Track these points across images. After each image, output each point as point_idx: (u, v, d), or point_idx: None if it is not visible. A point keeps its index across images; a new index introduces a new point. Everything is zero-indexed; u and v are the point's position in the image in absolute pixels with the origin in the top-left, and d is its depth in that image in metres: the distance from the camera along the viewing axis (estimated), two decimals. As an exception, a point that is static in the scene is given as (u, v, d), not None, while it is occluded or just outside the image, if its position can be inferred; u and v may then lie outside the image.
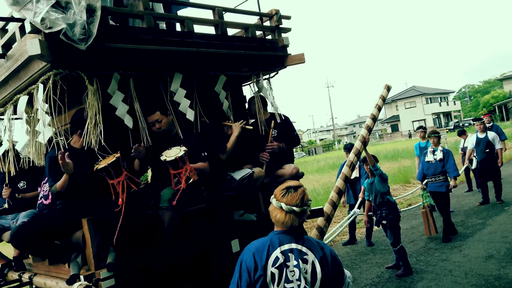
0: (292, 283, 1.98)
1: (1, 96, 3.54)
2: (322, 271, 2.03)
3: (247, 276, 1.97)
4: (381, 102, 5.30)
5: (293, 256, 2.02)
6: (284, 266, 1.98)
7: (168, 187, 3.23)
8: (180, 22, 3.69)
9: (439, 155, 6.61)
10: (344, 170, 4.88)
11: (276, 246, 2.02)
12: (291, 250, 2.03)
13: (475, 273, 4.97)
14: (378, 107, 5.30)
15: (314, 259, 2.04)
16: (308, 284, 2.00)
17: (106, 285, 2.78)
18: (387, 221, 5.37)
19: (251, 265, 1.99)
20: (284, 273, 1.98)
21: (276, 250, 2.01)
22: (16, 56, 3.08)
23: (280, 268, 1.98)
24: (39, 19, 2.61)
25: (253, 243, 2.09)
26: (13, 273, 3.73)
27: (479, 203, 8.73)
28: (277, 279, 1.97)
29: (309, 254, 2.05)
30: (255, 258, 1.99)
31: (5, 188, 3.86)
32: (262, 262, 1.98)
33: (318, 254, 2.06)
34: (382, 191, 5.34)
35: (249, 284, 1.96)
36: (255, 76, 4.52)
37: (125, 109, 3.29)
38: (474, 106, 62.95)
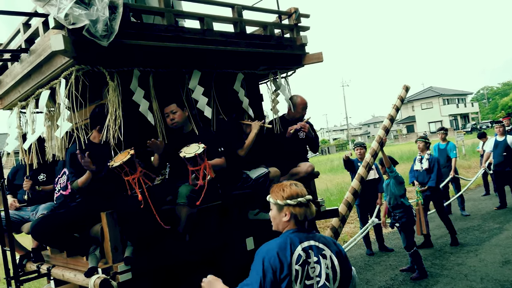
0: (312, 279, 2.01)
1: (24, 90, 3.60)
2: (340, 265, 2.08)
3: (272, 275, 1.95)
4: (399, 103, 5.25)
5: (313, 252, 2.04)
6: (306, 263, 2.00)
7: (186, 184, 3.25)
8: (199, 20, 3.70)
9: (425, 164, 6.61)
10: (360, 170, 4.86)
11: (297, 244, 2.02)
12: (311, 247, 2.05)
13: (491, 278, 4.89)
14: (396, 107, 5.25)
15: (331, 254, 2.08)
16: (330, 279, 2.04)
17: (123, 279, 2.81)
18: (400, 224, 5.32)
19: (276, 264, 1.96)
20: (306, 270, 2.00)
21: (298, 248, 2.01)
22: (39, 51, 3.13)
23: (303, 265, 1.99)
24: (63, 15, 2.65)
25: (271, 242, 2.07)
26: (32, 264, 3.80)
27: (496, 207, 8.60)
28: (300, 277, 1.97)
29: (326, 249, 2.08)
30: (279, 257, 1.97)
31: (26, 180, 3.94)
32: (288, 260, 1.97)
33: (334, 249, 2.11)
34: (396, 193, 5.30)
35: (274, 283, 1.94)
36: (273, 75, 4.52)
37: (147, 106, 3.32)
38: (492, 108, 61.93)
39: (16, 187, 4.17)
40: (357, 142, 7.13)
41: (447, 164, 8.48)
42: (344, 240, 7.30)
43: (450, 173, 8.38)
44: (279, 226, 2.14)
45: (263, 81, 4.73)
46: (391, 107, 5.26)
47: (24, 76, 3.44)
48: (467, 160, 16.31)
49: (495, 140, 8.67)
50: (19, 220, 4.00)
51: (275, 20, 4.58)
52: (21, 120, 3.88)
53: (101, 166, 3.12)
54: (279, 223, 2.13)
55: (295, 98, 4.52)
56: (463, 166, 14.59)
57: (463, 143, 18.83)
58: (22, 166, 4.13)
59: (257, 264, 2.01)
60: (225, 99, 4.01)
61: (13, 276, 3.53)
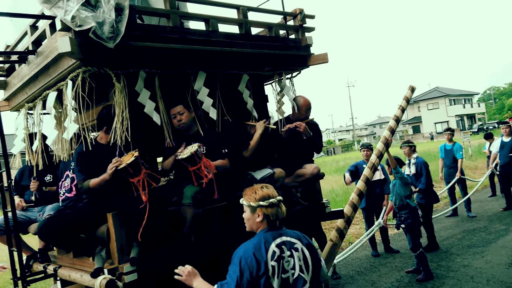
0: (288, 272, 2.15)
1: (31, 91, 3.63)
2: (311, 256, 2.25)
3: (249, 274, 2.07)
4: (404, 104, 5.23)
5: (286, 247, 2.19)
6: (281, 258, 2.15)
7: (191, 185, 3.26)
8: (204, 21, 3.72)
9: (413, 169, 6.55)
10: (366, 171, 4.85)
11: (270, 241, 2.17)
12: (284, 243, 2.20)
13: (497, 280, 4.86)
14: (402, 108, 5.24)
15: (302, 246, 2.25)
16: (304, 270, 2.19)
17: (129, 279, 2.83)
18: (405, 225, 5.30)
19: (253, 264, 2.09)
20: (281, 265, 2.14)
21: (272, 245, 2.15)
22: (46, 52, 3.16)
23: (278, 261, 2.13)
24: (70, 17, 2.67)
25: (247, 243, 2.19)
26: (38, 264, 3.82)
27: (503, 208, 8.54)
28: (276, 272, 2.11)
29: (297, 242, 2.25)
30: (256, 257, 2.10)
31: (33, 181, 3.96)
32: (264, 258, 2.10)
33: (305, 242, 2.28)
34: (402, 194, 5.28)
35: (250, 282, 2.06)
36: (278, 76, 4.52)
37: (153, 107, 3.34)
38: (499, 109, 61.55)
39: (23, 188, 4.19)
40: (364, 144, 7.06)
41: (453, 165, 8.44)
42: (350, 241, 7.28)
43: (457, 174, 8.32)
44: (253, 226, 2.28)
45: (268, 82, 4.73)
46: (397, 108, 5.24)
47: (31, 78, 3.48)
48: (473, 161, 16.21)
49: (501, 141, 8.62)
50: (26, 220, 4.03)
51: (280, 21, 4.59)
52: (28, 121, 3.91)
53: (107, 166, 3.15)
54: (253, 224, 2.27)
55: (298, 99, 4.51)
56: (470, 167, 14.51)
57: (469, 143, 18.71)
58: (28, 167, 4.17)
59: (235, 264, 2.13)
60: (230, 100, 4.02)
61: (20, 277, 3.56)
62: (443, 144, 8.75)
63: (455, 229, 7.58)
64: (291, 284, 2.15)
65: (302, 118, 4.42)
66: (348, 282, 5.54)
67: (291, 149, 4.37)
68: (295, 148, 4.36)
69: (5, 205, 3.57)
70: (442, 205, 10.01)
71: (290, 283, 2.15)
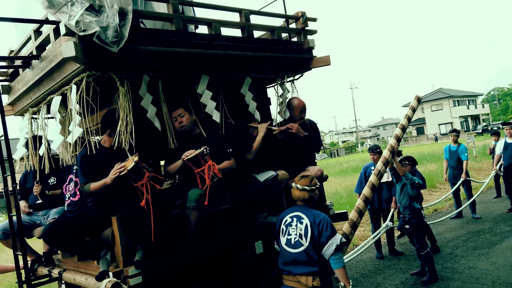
0: (290, 235, 3.16)
1: (35, 96, 3.65)
2: (311, 230, 3.09)
3: (276, 227, 3.35)
4: (411, 113, 5.29)
5: (295, 219, 3.19)
6: (289, 225, 3.20)
7: (195, 187, 3.27)
8: (207, 25, 3.74)
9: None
10: (372, 178, 4.86)
11: (288, 213, 3.29)
12: (295, 216, 3.22)
13: (502, 281, 4.84)
14: (408, 117, 5.29)
15: (307, 222, 3.12)
16: (302, 237, 3.10)
17: (134, 282, 2.84)
18: (410, 225, 5.28)
19: (277, 222, 3.37)
20: (287, 229, 3.20)
21: (287, 215, 3.27)
22: (50, 57, 3.17)
23: (286, 226, 3.22)
24: (74, 22, 2.69)
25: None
26: (43, 268, 3.84)
27: (508, 209, 8.49)
28: (283, 232, 3.23)
29: (304, 218, 3.15)
30: (279, 219, 3.34)
31: (36, 185, 3.99)
32: (279, 222, 3.31)
33: (311, 220, 3.12)
34: (411, 194, 5.27)
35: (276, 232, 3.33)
36: (280, 78, 4.53)
37: (154, 111, 3.35)
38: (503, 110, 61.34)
39: (27, 192, 4.22)
40: (371, 147, 6.96)
41: (458, 166, 8.40)
42: (354, 243, 7.26)
43: (462, 175, 8.29)
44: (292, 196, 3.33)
45: (271, 85, 4.74)
46: (403, 117, 5.29)
47: (35, 83, 3.50)
48: (478, 162, 16.14)
49: (505, 142, 8.57)
50: (31, 224, 4.05)
51: (282, 24, 4.60)
52: (33, 126, 3.93)
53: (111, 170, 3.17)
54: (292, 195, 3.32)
55: (292, 101, 4.52)
56: (474, 168, 14.45)
57: (473, 144, 18.65)
58: (32, 170, 4.19)
59: None
60: (233, 103, 4.03)
61: (25, 280, 3.57)
62: (448, 145, 8.71)
63: (460, 231, 7.55)
64: (292, 244, 3.13)
65: (297, 119, 4.42)
66: (353, 284, 5.52)
67: (290, 151, 4.37)
68: (294, 149, 4.37)
69: (10, 209, 3.59)
70: (446, 206, 9.98)
71: (291, 243, 3.13)
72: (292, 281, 3.08)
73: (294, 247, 3.09)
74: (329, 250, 3.04)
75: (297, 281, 3.06)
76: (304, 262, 3.05)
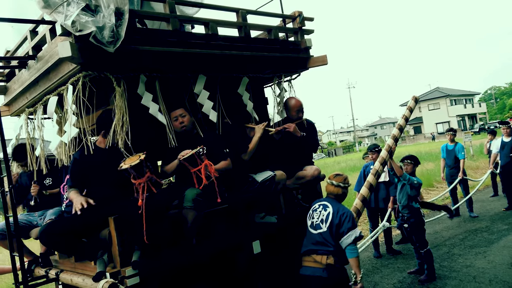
0: (314, 219, 3.64)
1: (31, 96, 3.64)
2: (332, 218, 3.52)
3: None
4: (408, 113, 5.33)
5: (322, 206, 3.67)
6: (315, 210, 3.69)
7: (192, 187, 3.26)
8: (204, 24, 3.73)
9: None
10: (369, 178, 4.88)
11: (318, 201, 3.78)
12: (322, 204, 3.69)
13: (499, 280, 4.85)
14: (406, 117, 5.33)
15: (331, 210, 3.56)
16: (323, 222, 3.55)
17: (131, 283, 2.83)
18: (408, 224, 5.29)
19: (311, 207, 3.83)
20: (313, 213, 3.69)
21: (317, 203, 3.76)
22: (46, 57, 3.17)
23: (313, 211, 3.71)
24: (70, 22, 2.68)
25: None
26: (40, 269, 3.82)
27: (505, 208, 8.52)
28: (310, 216, 3.72)
29: (329, 207, 3.61)
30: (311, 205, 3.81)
31: (33, 185, 3.97)
32: (311, 207, 3.80)
33: (335, 209, 3.56)
34: (410, 193, 5.27)
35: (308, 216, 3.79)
36: (277, 78, 4.53)
37: (157, 108, 3.35)
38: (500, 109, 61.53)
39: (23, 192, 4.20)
40: (370, 146, 6.96)
41: (455, 165, 8.43)
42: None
43: (459, 174, 8.31)
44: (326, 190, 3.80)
45: (268, 85, 4.74)
46: (401, 117, 5.32)
47: (31, 83, 3.49)
48: (475, 161, 16.19)
49: (502, 140, 8.61)
50: (28, 225, 4.03)
51: (279, 23, 4.60)
52: (29, 126, 3.92)
53: (107, 170, 3.16)
54: (326, 189, 3.79)
55: (289, 101, 4.52)
56: (471, 167, 14.48)
57: (471, 143, 18.69)
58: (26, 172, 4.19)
59: None
60: (230, 103, 4.03)
61: (22, 281, 3.56)
62: (445, 144, 8.74)
63: (457, 229, 7.57)
64: (313, 226, 3.60)
65: (295, 119, 4.42)
66: (350, 283, 5.54)
67: (288, 151, 4.38)
68: (292, 149, 4.38)
69: (7, 210, 3.58)
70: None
71: (313, 225, 3.60)
72: (309, 261, 3.49)
73: (314, 228, 3.57)
74: (347, 240, 3.42)
75: (313, 260, 3.45)
76: (320, 243, 3.48)
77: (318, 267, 3.42)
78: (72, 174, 3.23)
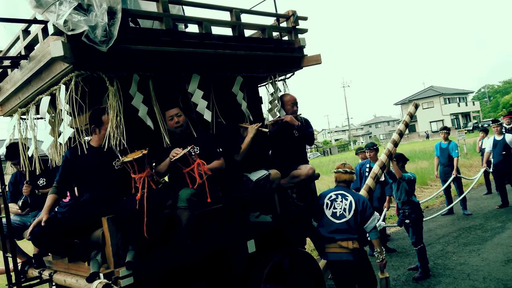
0: (336, 209, 3.81)
1: (24, 96, 3.61)
2: (355, 205, 3.78)
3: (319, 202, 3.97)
4: (408, 119, 5.40)
5: (340, 196, 3.89)
6: (334, 200, 3.87)
7: (186, 187, 3.25)
8: (198, 23, 3.72)
9: None
10: (368, 181, 4.91)
11: (332, 191, 3.98)
12: (339, 194, 3.92)
13: (493, 277, 4.89)
14: (406, 123, 5.41)
15: (352, 199, 3.82)
16: (346, 211, 3.77)
17: (125, 283, 2.82)
18: (410, 220, 5.32)
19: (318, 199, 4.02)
20: (332, 204, 3.85)
21: (332, 192, 3.97)
22: (39, 57, 3.14)
23: (331, 201, 3.88)
24: (62, 21, 2.66)
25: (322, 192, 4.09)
26: (33, 270, 3.80)
27: (498, 206, 8.59)
28: (328, 206, 3.87)
29: (348, 196, 3.86)
30: (323, 196, 4.00)
31: (25, 185, 3.95)
32: (324, 197, 3.95)
33: (356, 198, 3.84)
34: (408, 189, 5.30)
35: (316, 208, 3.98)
36: (272, 77, 4.53)
37: (146, 111, 3.33)
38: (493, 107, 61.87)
39: (18, 194, 4.17)
40: (368, 144, 6.94)
41: (449, 163, 8.48)
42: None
43: (452, 172, 8.36)
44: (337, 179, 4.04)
45: (262, 84, 4.74)
46: (401, 123, 5.39)
47: (24, 83, 3.46)
48: (468, 159, 16.28)
49: (494, 139, 8.68)
50: (21, 226, 4.01)
51: (273, 23, 4.60)
52: (21, 126, 3.89)
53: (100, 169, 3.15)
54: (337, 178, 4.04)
55: (283, 96, 4.53)
56: (465, 165, 14.57)
57: (464, 142, 18.81)
58: (21, 172, 4.16)
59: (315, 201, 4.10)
60: (224, 102, 4.02)
61: (15, 283, 3.54)
62: (439, 142, 8.79)
63: (451, 227, 7.61)
64: (337, 216, 3.77)
65: (291, 114, 4.43)
66: (345, 282, 5.55)
67: (282, 149, 4.37)
68: (287, 147, 4.37)
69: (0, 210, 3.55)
70: (438, 203, 10.06)
71: (336, 215, 3.78)
72: (335, 248, 3.74)
73: (338, 218, 3.77)
74: (372, 224, 3.80)
75: (339, 246, 3.71)
76: (344, 230, 3.72)
77: (344, 252, 3.71)
78: (61, 172, 3.21)
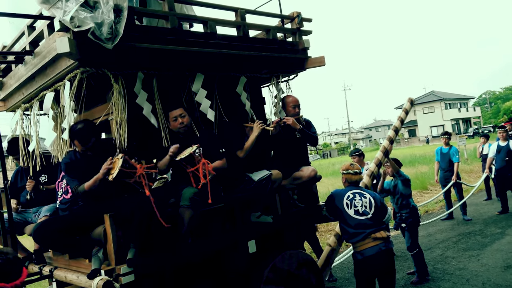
0: (357, 207, 3.81)
1: (27, 92, 3.62)
2: (375, 202, 3.85)
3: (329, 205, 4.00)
4: (403, 115, 5.36)
5: (358, 195, 3.88)
6: (353, 199, 3.85)
7: (189, 186, 3.25)
8: (203, 23, 3.73)
9: None
10: (365, 179, 4.89)
11: (346, 191, 3.92)
12: (356, 193, 3.90)
13: (492, 283, 4.88)
14: (401, 119, 5.36)
15: (370, 196, 3.89)
16: (367, 207, 3.81)
17: (126, 280, 2.82)
18: (406, 224, 5.31)
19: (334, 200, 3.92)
20: (353, 202, 3.84)
21: (349, 192, 3.91)
22: (44, 53, 3.15)
23: (351, 200, 3.85)
24: (69, 18, 2.67)
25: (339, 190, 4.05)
26: (34, 266, 3.79)
27: (498, 212, 8.58)
28: (349, 205, 3.83)
29: (366, 194, 3.91)
30: (339, 197, 3.91)
31: (29, 180, 3.94)
32: (342, 198, 3.87)
33: (372, 195, 3.92)
34: (404, 193, 5.29)
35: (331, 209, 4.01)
36: (275, 78, 4.53)
37: (150, 109, 3.33)
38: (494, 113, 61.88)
39: (18, 190, 4.17)
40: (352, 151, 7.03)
41: (449, 168, 8.47)
42: (347, 244, 7.28)
43: (452, 177, 8.35)
44: (343, 185, 4.05)
45: (266, 85, 4.74)
46: (396, 119, 5.35)
47: (28, 78, 3.46)
48: (469, 164, 16.28)
49: (498, 145, 8.66)
50: (22, 221, 4.01)
51: (277, 24, 4.61)
52: (24, 122, 3.89)
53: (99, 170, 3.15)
54: (347, 180, 4.01)
55: (285, 98, 4.53)
56: (465, 170, 14.56)
57: (465, 147, 18.80)
58: (22, 168, 4.16)
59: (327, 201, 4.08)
60: (227, 102, 4.03)
61: (16, 278, 3.53)
62: (440, 147, 8.78)
63: (450, 232, 7.61)
64: (360, 213, 3.78)
65: (292, 115, 4.43)
66: (344, 284, 5.55)
67: (285, 151, 4.37)
68: (289, 149, 4.37)
69: (1, 206, 3.55)
70: (437, 208, 10.05)
71: (359, 212, 3.78)
72: (369, 242, 3.73)
73: (361, 215, 3.80)
74: (388, 217, 4.00)
75: (373, 239, 3.72)
76: (371, 225, 3.79)
77: (381, 243, 3.73)
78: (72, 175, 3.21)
